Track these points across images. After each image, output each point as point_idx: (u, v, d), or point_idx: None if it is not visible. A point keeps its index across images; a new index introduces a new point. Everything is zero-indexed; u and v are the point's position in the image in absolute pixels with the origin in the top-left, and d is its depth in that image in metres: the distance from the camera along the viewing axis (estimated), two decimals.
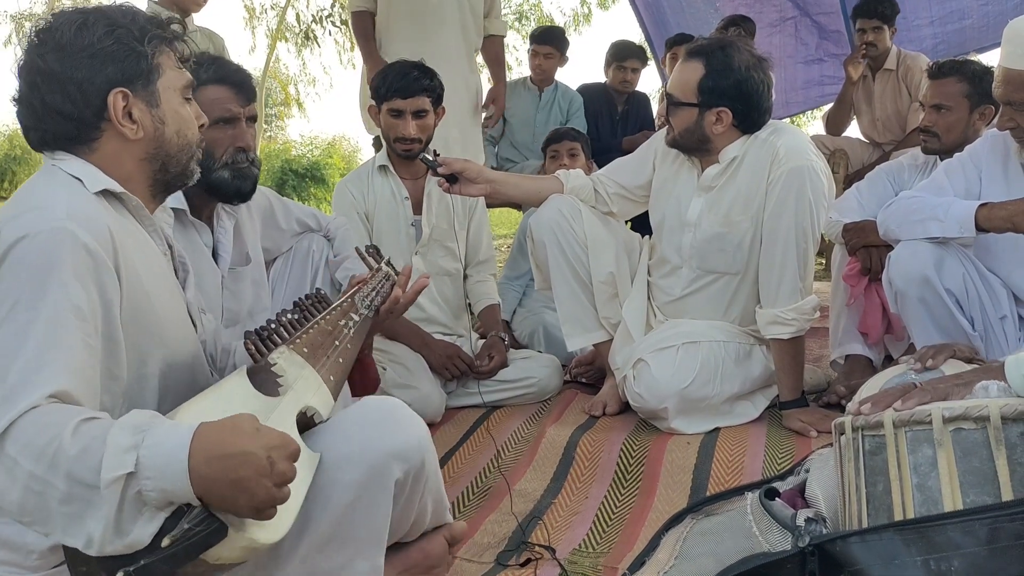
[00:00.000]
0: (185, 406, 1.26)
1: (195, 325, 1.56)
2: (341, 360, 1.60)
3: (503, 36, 4.49)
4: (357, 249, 2.01)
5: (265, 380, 1.40)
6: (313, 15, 15.55)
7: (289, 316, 1.57)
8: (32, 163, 19.31)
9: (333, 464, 1.35)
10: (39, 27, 1.39)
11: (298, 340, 1.51)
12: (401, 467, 1.40)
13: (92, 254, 1.25)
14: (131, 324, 1.33)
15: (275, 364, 1.43)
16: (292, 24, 15.60)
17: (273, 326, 1.51)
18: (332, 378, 1.53)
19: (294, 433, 1.33)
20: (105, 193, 1.38)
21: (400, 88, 2.92)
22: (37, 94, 1.37)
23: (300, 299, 1.64)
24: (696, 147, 2.61)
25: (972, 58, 3.02)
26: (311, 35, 15.77)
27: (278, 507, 1.15)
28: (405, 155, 2.98)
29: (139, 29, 1.40)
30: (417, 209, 3.08)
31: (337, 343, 1.61)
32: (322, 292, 1.70)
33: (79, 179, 1.36)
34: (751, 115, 2.54)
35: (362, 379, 1.90)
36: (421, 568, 1.60)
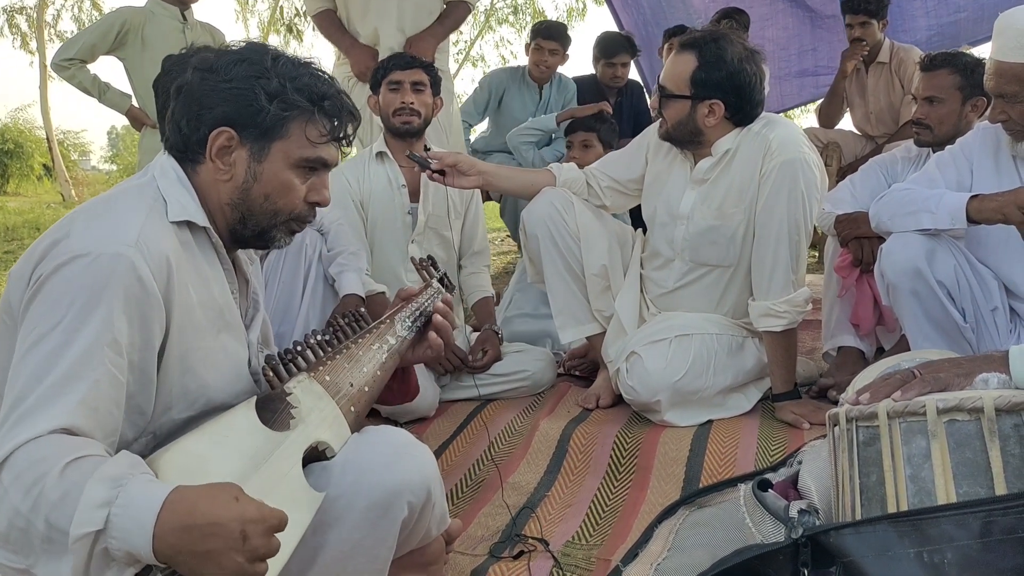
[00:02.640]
0: (180, 441, 1.23)
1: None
2: (368, 389, 1.54)
3: (470, 4, 4.13)
4: (412, 260, 1.97)
5: (276, 411, 1.35)
6: (297, 9, 15.53)
7: (319, 338, 1.52)
8: (24, 157, 19.24)
9: (340, 504, 1.34)
10: (221, 46, 1.42)
11: (320, 367, 1.47)
12: (408, 506, 1.39)
13: (145, 287, 1.23)
14: (177, 363, 1.32)
15: (290, 394, 1.39)
16: (279, 18, 15.60)
17: (299, 349, 1.47)
18: (353, 409, 1.48)
19: (297, 470, 1.31)
20: (188, 223, 1.37)
21: (399, 63, 2.99)
22: (175, 100, 1.40)
23: (335, 318, 1.59)
24: (689, 140, 2.60)
25: (964, 50, 3.02)
26: (294, 29, 15.75)
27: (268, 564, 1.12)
28: (404, 128, 2.97)
29: (279, 87, 1.37)
30: (414, 197, 3.08)
31: (365, 370, 1.55)
32: (362, 311, 1.63)
33: (166, 201, 1.35)
34: (744, 108, 2.53)
35: (401, 387, 1.85)
36: (419, 565, 1.60)
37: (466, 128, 4.84)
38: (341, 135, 1.46)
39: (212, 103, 1.37)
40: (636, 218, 3.07)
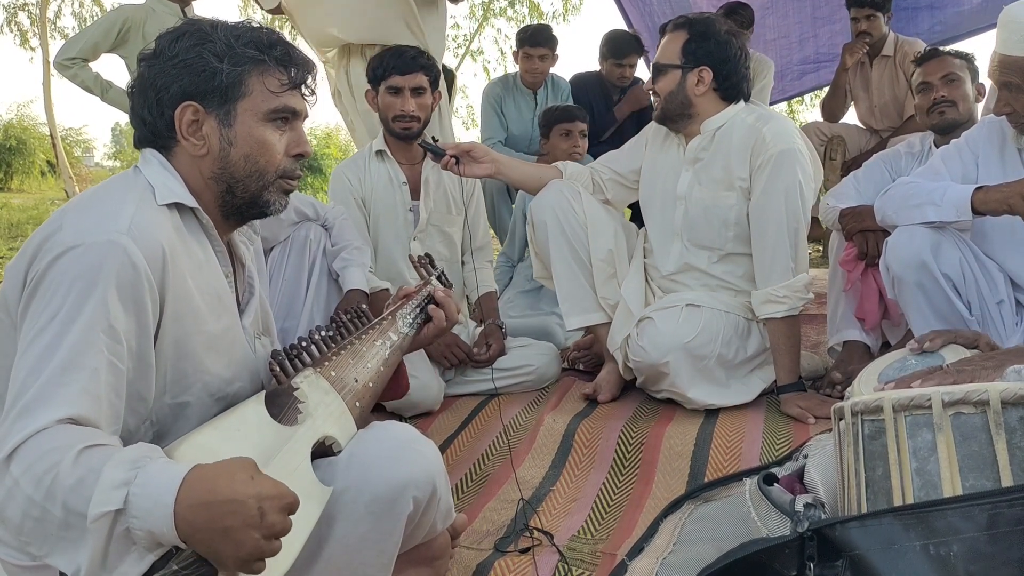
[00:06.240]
0: (192, 435, 1.24)
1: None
2: (372, 384, 1.54)
3: None
4: (410, 257, 1.97)
5: (284, 406, 1.36)
6: None
7: (323, 333, 1.52)
8: (27, 153, 19.25)
9: (345, 499, 1.34)
10: (158, 36, 1.42)
11: (326, 363, 1.47)
12: (413, 501, 1.38)
13: (138, 272, 1.24)
14: (171, 348, 1.32)
15: (297, 388, 1.39)
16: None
17: (304, 344, 1.47)
18: (358, 404, 1.48)
19: (306, 465, 1.31)
20: (178, 205, 1.37)
21: (397, 66, 2.94)
22: (133, 98, 1.41)
23: (338, 314, 1.59)
24: (680, 113, 2.67)
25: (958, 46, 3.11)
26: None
27: (281, 542, 1.12)
28: (404, 133, 2.97)
29: (226, 46, 1.37)
30: (415, 194, 3.09)
31: (369, 365, 1.55)
32: (363, 307, 1.64)
33: (153, 187, 1.36)
34: (731, 78, 2.63)
35: (394, 385, 1.86)
36: (425, 560, 1.61)
37: (495, 146, 4.75)
38: (300, 81, 1.45)
39: (166, 83, 1.37)
40: (636, 220, 3.09)
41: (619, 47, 4.80)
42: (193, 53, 1.37)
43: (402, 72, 2.94)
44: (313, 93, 1.49)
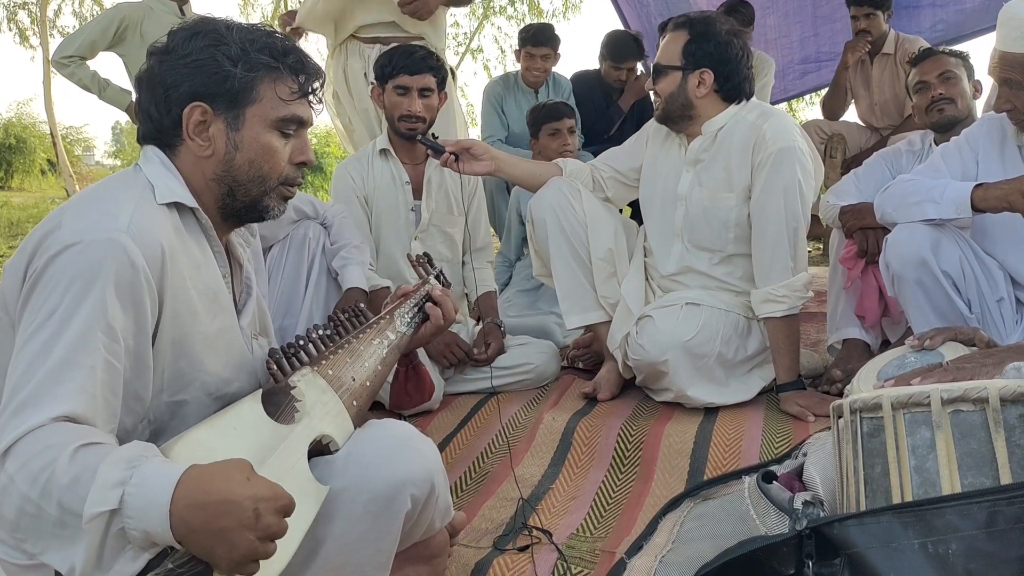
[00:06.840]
0: (188, 433, 1.24)
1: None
2: (369, 383, 1.55)
3: None
4: (408, 257, 1.98)
5: (281, 405, 1.36)
6: (300, 3, 15.55)
7: (320, 332, 1.52)
8: (28, 152, 19.23)
9: (343, 498, 1.33)
10: (171, 31, 1.42)
11: (323, 361, 1.47)
12: (411, 499, 1.38)
13: (137, 271, 1.24)
14: (169, 347, 1.32)
15: (295, 387, 1.39)
16: (283, 13, 15.58)
17: (302, 343, 1.47)
18: (356, 403, 1.48)
19: (303, 463, 1.31)
20: (177, 205, 1.37)
21: (407, 65, 2.93)
22: (140, 91, 1.41)
23: (335, 313, 1.60)
24: (681, 114, 2.66)
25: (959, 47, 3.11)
26: None
27: (276, 544, 1.12)
28: (409, 134, 2.97)
29: (240, 50, 1.37)
30: (417, 194, 3.08)
31: (367, 364, 1.56)
32: (361, 307, 1.65)
33: (153, 186, 1.35)
34: (732, 79, 2.61)
35: (417, 388, 1.85)
36: (423, 558, 1.60)
37: (496, 144, 4.73)
38: (310, 90, 1.45)
39: (177, 82, 1.36)
40: (635, 218, 3.08)
41: (618, 51, 4.79)
42: (207, 54, 1.36)
43: (411, 72, 2.93)
44: (320, 101, 1.50)
